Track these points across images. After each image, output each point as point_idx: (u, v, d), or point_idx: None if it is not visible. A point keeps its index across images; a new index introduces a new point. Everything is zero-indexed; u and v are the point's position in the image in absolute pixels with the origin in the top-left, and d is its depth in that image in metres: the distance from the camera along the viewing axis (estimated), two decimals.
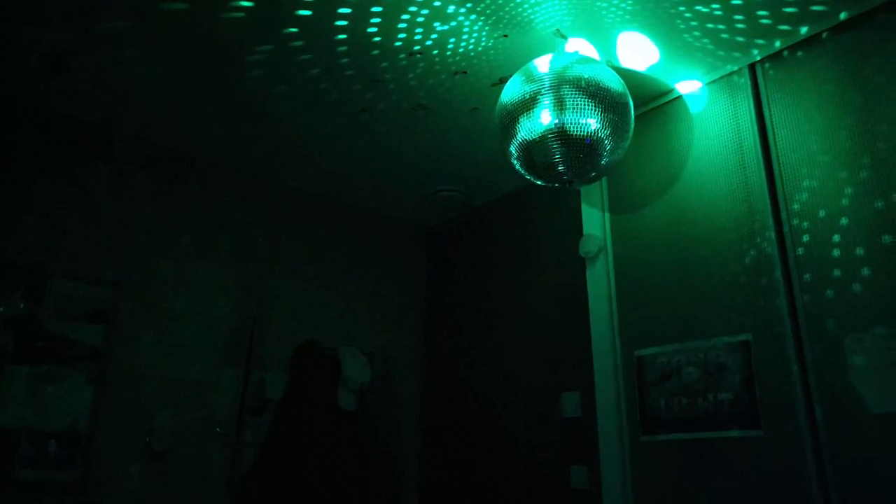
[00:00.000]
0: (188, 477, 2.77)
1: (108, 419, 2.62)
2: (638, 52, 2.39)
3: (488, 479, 3.13)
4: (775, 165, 2.25)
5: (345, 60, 2.41)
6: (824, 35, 2.21)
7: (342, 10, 2.15)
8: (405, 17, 2.19)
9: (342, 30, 2.24)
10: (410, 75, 2.51)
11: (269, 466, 2.85)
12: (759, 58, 2.37)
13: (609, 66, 2.35)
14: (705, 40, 2.30)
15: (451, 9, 2.15)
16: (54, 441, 2.47)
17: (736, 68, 2.44)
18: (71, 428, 2.52)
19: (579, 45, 2.35)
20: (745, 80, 2.41)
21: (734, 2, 2.09)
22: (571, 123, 2.03)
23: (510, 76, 2.23)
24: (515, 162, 2.21)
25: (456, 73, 2.51)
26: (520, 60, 2.39)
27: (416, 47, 2.35)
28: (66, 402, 2.53)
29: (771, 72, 2.35)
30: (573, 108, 2.03)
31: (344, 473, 2.97)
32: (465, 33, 2.28)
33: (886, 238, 1.92)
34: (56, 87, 2.61)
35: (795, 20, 2.18)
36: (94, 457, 2.56)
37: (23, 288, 2.53)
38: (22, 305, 2.51)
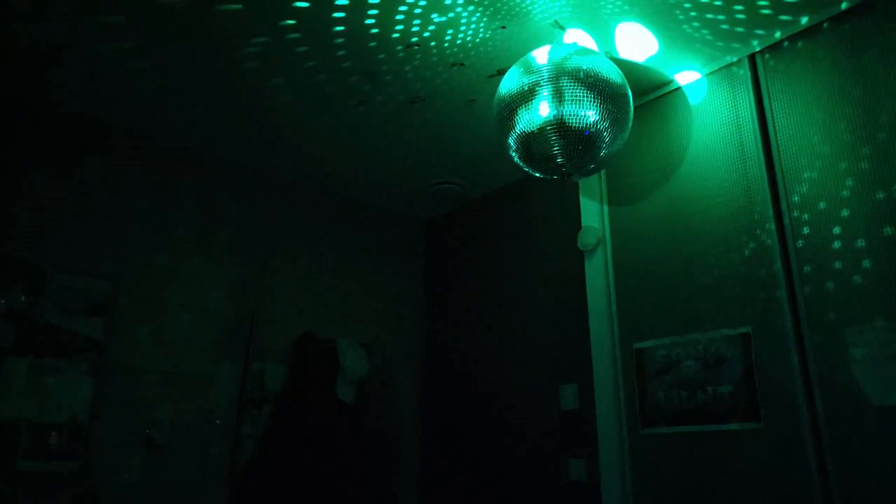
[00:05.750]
0: (188, 469, 2.77)
1: (108, 411, 2.64)
2: (636, 43, 2.38)
3: (487, 471, 3.13)
4: (775, 157, 2.23)
5: (342, 52, 2.40)
6: (825, 25, 2.19)
7: (339, 2, 2.14)
8: (403, 8, 2.17)
9: (339, 21, 2.23)
10: (408, 67, 2.50)
11: (268, 458, 2.86)
12: (758, 48, 2.35)
13: (608, 57, 2.33)
14: (704, 31, 2.28)
15: (448, 0, 2.14)
16: (55, 433, 2.48)
17: (735, 59, 2.42)
18: (71, 420, 2.53)
19: (577, 37, 2.33)
20: (745, 72, 2.39)
21: None
22: (570, 115, 2.02)
23: (508, 68, 2.22)
24: (514, 154, 2.20)
25: (453, 65, 2.50)
26: (518, 52, 2.38)
27: (414, 39, 2.33)
28: (67, 395, 2.54)
29: (771, 62, 2.33)
30: (572, 100, 2.02)
31: (343, 464, 2.99)
32: (462, 25, 2.27)
33: (888, 230, 1.91)
34: (51, 81, 2.60)
35: (796, 10, 2.17)
36: (94, 448, 2.57)
37: (23, 281, 2.54)
38: (22, 298, 2.52)
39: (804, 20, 2.21)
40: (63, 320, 2.59)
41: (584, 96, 2.02)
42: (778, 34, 2.28)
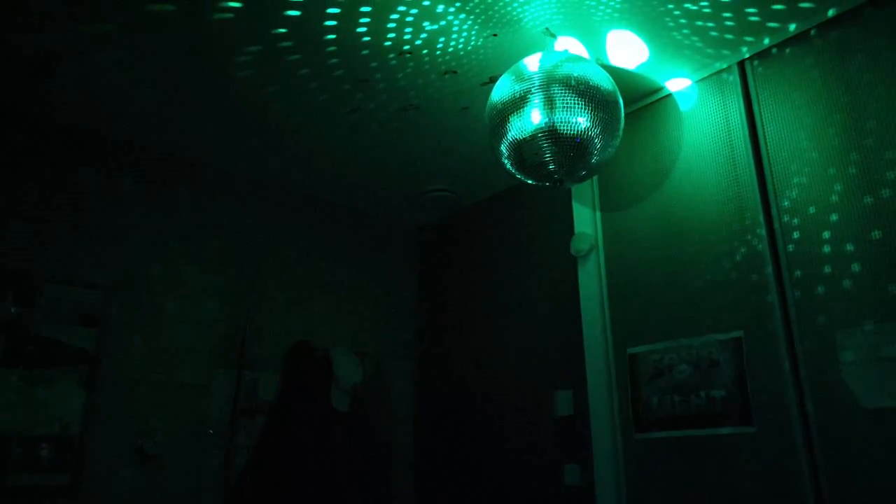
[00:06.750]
0: (181, 479, 2.76)
1: (101, 422, 2.61)
2: (627, 50, 2.40)
3: (482, 478, 3.13)
4: (765, 162, 2.25)
5: (334, 61, 2.40)
6: (812, 32, 2.22)
7: (331, 11, 2.14)
8: (394, 16, 2.18)
9: (331, 30, 2.23)
10: (400, 75, 2.51)
11: (262, 468, 2.84)
12: (747, 55, 2.38)
13: (599, 64, 2.35)
14: (694, 38, 2.31)
15: (440, 8, 2.15)
16: (46, 445, 2.46)
17: (725, 66, 2.44)
18: (63, 432, 2.50)
19: (569, 44, 2.35)
20: (735, 78, 2.41)
21: None
22: (561, 122, 2.03)
23: (500, 75, 2.23)
24: (506, 161, 2.21)
25: (446, 73, 2.51)
26: (509, 59, 2.39)
27: (406, 47, 2.34)
28: (58, 406, 2.51)
29: (760, 69, 2.35)
30: (563, 107, 2.03)
31: (337, 474, 2.97)
32: (454, 32, 2.28)
33: (876, 234, 1.93)
34: (43, 91, 2.59)
35: (784, 17, 2.19)
36: (86, 460, 2.55)
37: (13, 292, 2.52)
38: (12, 310, 2.50)
39: (792, 27, 2.24)
40: (54, 331, 2.57)
41: (575, 103, 2.03)
42: (767, 41, 2.31)
